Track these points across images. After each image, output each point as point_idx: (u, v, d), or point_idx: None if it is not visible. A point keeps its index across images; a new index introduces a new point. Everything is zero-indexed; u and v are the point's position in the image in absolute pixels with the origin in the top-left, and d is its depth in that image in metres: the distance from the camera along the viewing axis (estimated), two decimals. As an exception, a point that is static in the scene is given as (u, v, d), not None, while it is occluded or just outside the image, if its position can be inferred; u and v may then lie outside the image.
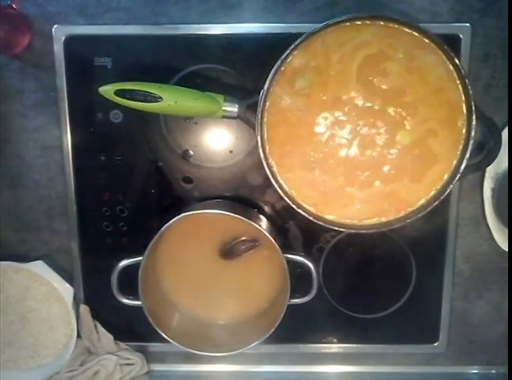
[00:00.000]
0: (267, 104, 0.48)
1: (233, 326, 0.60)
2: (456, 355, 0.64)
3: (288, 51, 0.47)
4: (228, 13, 0.54)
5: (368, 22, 0.48)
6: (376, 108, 0.49)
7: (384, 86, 0.49)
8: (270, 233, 0.52)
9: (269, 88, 0.48)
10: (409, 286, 0.60)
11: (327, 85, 0.49)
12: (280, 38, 0.53)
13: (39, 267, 0.58)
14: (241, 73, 0.55)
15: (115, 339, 0.61)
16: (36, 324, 0.60)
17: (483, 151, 0.52)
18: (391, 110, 0.49)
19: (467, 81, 0.48)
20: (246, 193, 0.58)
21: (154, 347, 0.63)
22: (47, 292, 0.59)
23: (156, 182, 0.58)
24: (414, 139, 0.49)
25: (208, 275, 0.59)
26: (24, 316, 0.60)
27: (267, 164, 0.49)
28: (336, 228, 0.51)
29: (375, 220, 0.51)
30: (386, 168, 0.50)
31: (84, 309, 0.60)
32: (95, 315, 0.61)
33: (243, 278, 0.59)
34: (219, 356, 0.56)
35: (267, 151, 0.49)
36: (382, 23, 0.48)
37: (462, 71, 0.48)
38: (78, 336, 0.61)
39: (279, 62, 0.47)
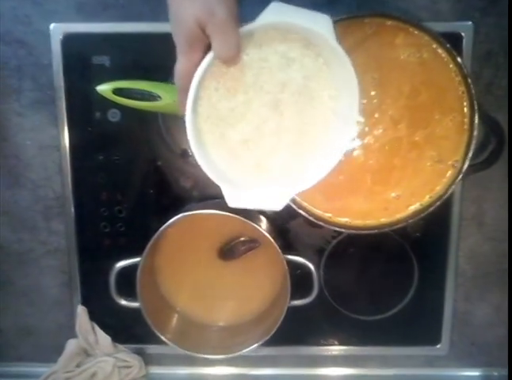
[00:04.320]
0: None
1: (232, 328, 0.59)
2: (458, 357, 0.63)
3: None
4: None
5: (369, 20, 0.47)
6: (381, 107, 0.49)
7: (386, 86, 0.48)
8: (270, 234, 0.52)
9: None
10: (411, 288, 0.60)
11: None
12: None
13: None
14: (240, 71, 0.54)
15: (113, 341, 0.61)
16: None
17: (486, 151, 0.52)
18: (393, 110, 0.49)
19: (469, 79, 0.47)
20: (246, 193, 0.58)
21: (153, 349, 0.62)
22: None
23: (155, 182, 0.58)
24: (415, 139, 0.49)
25: (207, 276, 0.59)
26: None
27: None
28: (337, 228, 0.50)
29: (376, 220, 0.51)
30: (387, 168, 0.50)
31: (81, 310, 0.60)
32: (93, 316, 0.61)
33: (243, 279, 0.59)
34: (218, 359, 0.56)
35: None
36: (384, 22, 0.47)
37: (464, 70, 0.47)
38: (76, 336, 0.60)
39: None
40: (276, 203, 0.40)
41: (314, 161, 0.41)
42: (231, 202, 0.39)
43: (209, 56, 0.36)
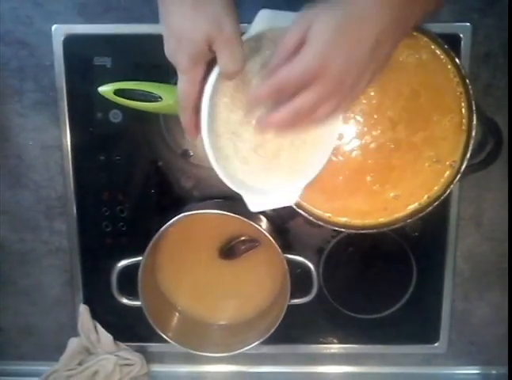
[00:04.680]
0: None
1: (233, 326, 0.60)
2: (457, 356, 0.64)
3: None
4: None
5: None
6: (380, 108, 0.49)
7: (384, 87, 0.49)
8: (270, 233, 0.52)
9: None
10: (409, 287, 0.60)
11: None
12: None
13: None
14: (241, 72, 0.55)
15: (114, 339, 0.61)
16: None
17: (484, 151, 0.52)
18: (391, 111, 0.49)
19: (467, 81, 0.47)
20: (246, 193, 0.58)
21: (154, 347, 0.63)
22: None
23: (156, 182, 0.58)
24: (415, 140, 0.49)
25: (207, 275, 0.59)
26: None
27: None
28: (336, 228, 0.51)
29: (375, 220, 0.51)
30: (385, 169, 0.50)
31: (83, 309, 0.60)
32: (94, 315, 0.61)
33: (243, 278, 0.59)
34: (219, 357, 0.56)
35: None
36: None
37: (462, 71, 0.47)
38: (77, 335, 0.61)
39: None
40: (289, 199, 0.44)
41: (313, 154, 0.44)
42: (253, 207, 0.41)
43: (215, 72, 0.36)
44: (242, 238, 0.57)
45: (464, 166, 0.49)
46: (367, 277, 0.60)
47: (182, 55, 0.35)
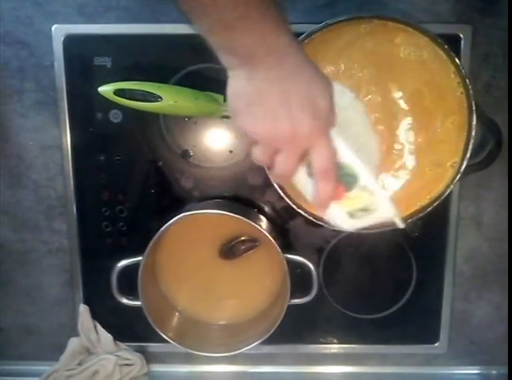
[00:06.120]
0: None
1: (233, 326, 0.60)
2: (457, 356, 0.64)
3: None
4: (228, 13, 0.54)
5: (368, 22, 0.48)
6: (379, 106, 0.49)
7: (386, 87, 0.49)
8: (270, 233, 0.52)
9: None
10: (409, 287, 0.60)
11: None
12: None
13: None
14: (241, 72, 0.55)
15: (114, 339, 0.61)
16: None
17: (484, 151, 0.52)
18: (392, 110, 0.49)
19: (467, 80, 0.47)
20: (246, 193, 0.58)
21: (154, 347, 0.63)
22: None
23: (156, 182, 0.58)
24: (415, 140, 0.49)
25: (208, 275, 0.59)
26: None
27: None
28: (336, 228, 0.51)
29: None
30: (385, 168, 0.50)
31: (83, 309, 0.60)
32: (95, 315, 0.61)
33: (243, 278, 0.59)
34: (219, 357, 0.56)
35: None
36: (383, 23, 0.48)
37: (463, 71, 0.47)
38: (77, 335, 0.61)
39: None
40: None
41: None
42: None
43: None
44: (242, 238, 0.57)
45: (463, 166, 0.49)
46: (367, 277, 0.60)
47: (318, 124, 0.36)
